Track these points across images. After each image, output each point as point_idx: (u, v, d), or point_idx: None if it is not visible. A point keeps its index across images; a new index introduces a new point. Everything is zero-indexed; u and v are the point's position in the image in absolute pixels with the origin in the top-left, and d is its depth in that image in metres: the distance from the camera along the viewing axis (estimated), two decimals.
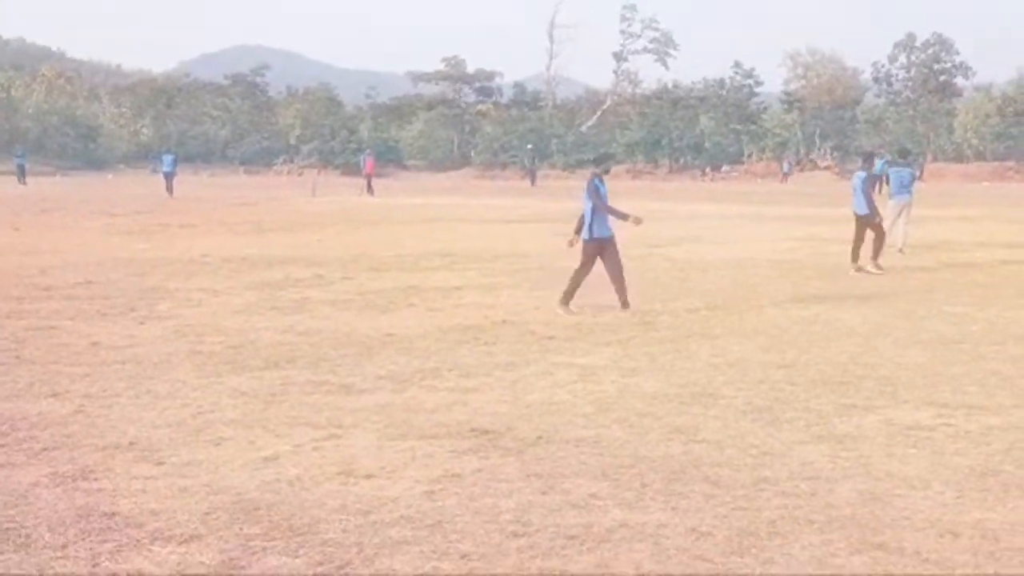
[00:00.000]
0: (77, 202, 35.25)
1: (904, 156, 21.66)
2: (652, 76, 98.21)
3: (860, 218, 15.61)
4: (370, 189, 44.57)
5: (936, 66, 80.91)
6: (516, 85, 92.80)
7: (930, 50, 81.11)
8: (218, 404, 7.21)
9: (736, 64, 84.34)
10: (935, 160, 73.10)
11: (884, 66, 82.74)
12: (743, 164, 77.76)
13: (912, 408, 7.12)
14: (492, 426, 6.60)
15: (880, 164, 32.26)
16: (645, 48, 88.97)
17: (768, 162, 76.26)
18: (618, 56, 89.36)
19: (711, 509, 5.07)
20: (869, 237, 15.56)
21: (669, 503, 5.16)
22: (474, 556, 4.49)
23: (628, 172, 73.43)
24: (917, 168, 49.60)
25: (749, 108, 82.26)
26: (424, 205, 36.31)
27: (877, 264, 15.48)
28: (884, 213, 16.94)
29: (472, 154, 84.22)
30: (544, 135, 79.87)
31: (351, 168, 68.06)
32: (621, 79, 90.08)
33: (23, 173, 52.75)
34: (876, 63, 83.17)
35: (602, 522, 4.88)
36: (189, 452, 6.05)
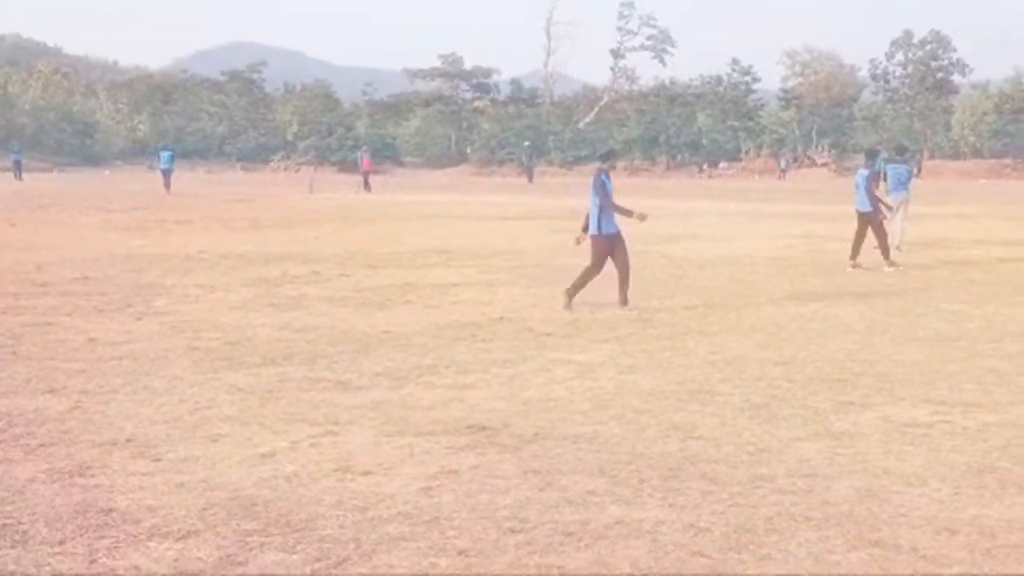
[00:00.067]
0: (74, 198, 35.19)
1: (901, 153, 21.63)
2: (649, 73, 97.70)
3: (862, 215, 15.62)
4: (367, 186, 44.53)
5: (933, 63, 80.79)
6: (513, 82, 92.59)
7: (927, 47, 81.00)
8: (215, 400, 7.21)
9: (734, 61, 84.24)
10: (932, 157, 73.05)
11: (881, 63, 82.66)
12: (740, 161, 77.68)
13: (909, 405, 7.13)
14: (489, 423, 6.60)
15: (878, 161, 32.21)
16: (642, 45, 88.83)
17: (765, 159, 76.19)
18: (615, 53, 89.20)
19: (708, 506, 5.07)
20: (870, 236, 15.56)
21: (666, 500, 5.16)
22: (471, 552, 4.49)
23: (625, 169, 73.18)
24: (915, 165, 49.57)
25: (746, 105, 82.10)
26: (421, 202, 36.28)
27: (892, 262, 15.40)
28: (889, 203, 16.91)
29: (469, 151, 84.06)
30: (541, 132, 79.70)
31: (348, 165, 68.10)
32: (618, 76, 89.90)
33: (20, 169, 52.90)
34: (873, 60, 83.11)
35: (599, 519, 4.88)
36: (186, 448, 6.05)
